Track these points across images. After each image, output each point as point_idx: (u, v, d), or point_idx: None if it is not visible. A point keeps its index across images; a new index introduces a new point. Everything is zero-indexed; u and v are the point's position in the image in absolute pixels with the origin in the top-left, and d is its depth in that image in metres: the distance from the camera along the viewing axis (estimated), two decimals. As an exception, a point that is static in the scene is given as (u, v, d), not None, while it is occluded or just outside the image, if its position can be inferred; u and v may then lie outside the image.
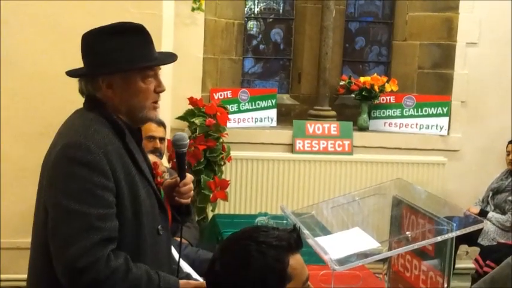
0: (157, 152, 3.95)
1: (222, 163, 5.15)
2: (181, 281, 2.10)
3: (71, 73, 2.14)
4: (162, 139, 4.09)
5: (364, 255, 2.81)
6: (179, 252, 2.39)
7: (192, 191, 2.30)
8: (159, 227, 2.12)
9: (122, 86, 2.06)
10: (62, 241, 1.88)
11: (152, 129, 3.97)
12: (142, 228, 2.03)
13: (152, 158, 3.25)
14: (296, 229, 1.83)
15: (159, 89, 2.13)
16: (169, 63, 2.23)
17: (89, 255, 1.85)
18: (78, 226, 1.87)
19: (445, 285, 2.88)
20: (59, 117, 2.17)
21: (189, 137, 4.84)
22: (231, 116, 5.45)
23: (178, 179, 2.25)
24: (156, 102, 2.13)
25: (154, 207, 2.10)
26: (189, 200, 2.29)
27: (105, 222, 1.90)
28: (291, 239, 1.78)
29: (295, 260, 1.78)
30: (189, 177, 2.28)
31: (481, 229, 5.03)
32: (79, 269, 1.85)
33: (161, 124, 4.07)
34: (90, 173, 1.90)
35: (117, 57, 2.03)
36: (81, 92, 2.12)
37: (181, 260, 3.25)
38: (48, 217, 1.93)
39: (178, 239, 2.42)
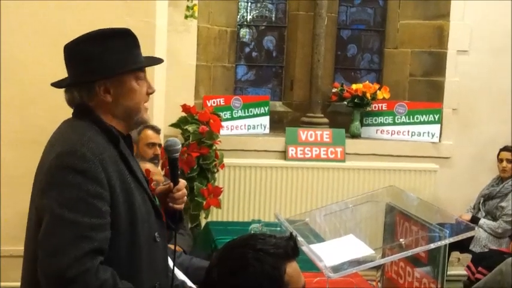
0: (156, 159, 3.98)
1: (215, 170, 5.16)
2: None
3: (60, 84, 2.11)
4: (160, 145, 4.14)
5: (358, 262, 2.83)
6: (173, 259, 2.39)
7: (186, 196, 2.29)
8: (156, 234, 2.10)
9: (119, 89, 2.05)
10: (52, 250, 1.84)
11: (152, 136, 4.01)
12: (138, 236, 2.02)
13: (151, 166, 3.27)
14: (293, 237, 1.83)
15: (150, 90, 2.12)
16: (159, 63, 2.25)
17: (79, 266, 1.81)
18: (70, 235, 1.83)
19: (439, 292, 2.90)
20: (55, 125, 2.16)
21: (182, 145, 4.86)
22: (224, 123, 5.46)
23: (171, 184, 2.23)
24: (145, 103, 2.13)
25: (150, 215, 2.09)
26: (182, 206, 2.27)
27: (97, 233, 1.87)
28: (287, 247, 1.79)
29: (292, 268, 1.79)
30: (182, 182, 2.26)
31: (473, 236, 5.06)
32: (68, 279, 1.81)
33: (158, 131, 4.12)
34: (85, 181, 1.88)
35: (112, 61, 2.02)
36: (71, 101, 2.09)
37: (175, 267, 3.26)
38: (39, 226, 1.90)
39: (172, 246, 2.41)
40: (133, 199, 2.01)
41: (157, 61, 2.24)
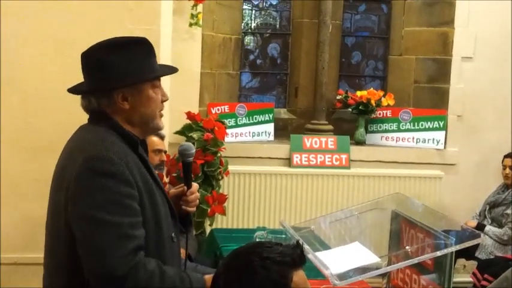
0: (162, 165, 3.99)
1: (220, 177, 5.16)
2: (206, 277, 2.10)
3: (76, 90, 2.16)
4: (165, 152, 4.15)
5: (364, 270, 2.82)
6: (185, 262, 2.43)
7: (198, 200, 2.37)
8: (173, 234, 2.18)
9: (136, 97, 2.11)
10: (97, 252, 1.90)
11: (157, 143, 4.02)
12: (161, 235, 2.10)
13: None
14: (299, 245, 1.84)
15: (164, 98, 2.20)
16: (174, 72, 2.31)
17: (128, 263, 1.89)
18: (113, 236, 1.90)
19: (445, 300, 2.89)
20: (58, 132, 2.18)
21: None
22: (228, 131, 5.46)
23: (185, 188, 2.32)
24: (161, 110, 2.21)
25: (167, 215, 2.16)
26: (194, 209, 2.37)
27: (136, 230, 1.95)
28: (294, 255, 1.79)
29: (299, 276, 1.78)
30: (195, 185, 2.36)
31: (479, 243, 5.04)
32: (120, 277, 1.88)
33: (163, 137, 4.13)
34: (116, 183, 1.94)
35: (130, 70, 2.08)
36: (87, 107, 2.14)
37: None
38: (76, 232, 1.95)
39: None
40: (156, 200, 2.09)
41: (172, 70, 2.30)
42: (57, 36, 4.09)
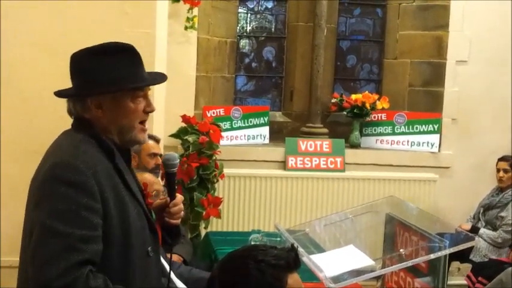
0: (158, 169, 3.99)
1: (215, 180, 5.16)
2: None
3: (59, 93, 2.12)
4: (161, 155, 4.15)
5: (358, 272, 2.83)
6: (168, 274, 2.37)
7: (183, 212, 2.27)
8: (149, 248, 2.09)
9: (111, 107, 2.04)
10: (41, 261, 1.83)
11: (153, 146, 4.01)
12: (131, 249, 2.01)
13: (150, 176, 3.27)
14: (294, 248, 1.84)
15: (148, 109, 2.10)
16: (158, 83, 2.20)
17: (66, 276, 1.80)
18: (59, 247, 1.83)
19: (439, 302, 2.90)
20: (56, 137, 2.16)
21: (182, 155, 4.87)
22: (223, 134, 5.46)
23: (168, 199, 2.23)
24: (143, 122, 2.10)
25: (144, 229, 2.08)
26: (179, 221, 2.27)
27: (87, 245, 1.86)
28: (289, 258, 1.80)
29: (293, 279, 1.79)
30: (179, 197, 2.25)
31: (473, 245, 5.05)
32: None
33: (158, 141, 4.13)
34: (77, 193, 1.88)
35: (106, 78, 2.01)
36: (70, 112, 2.10)
37: (175, 278, 3.27)
38: (32, 237, 1.89)
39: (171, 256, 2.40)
40: (127, 212, 2.00)
41: (158, 80, 2.19)
42: (55, 41, 4.09)
